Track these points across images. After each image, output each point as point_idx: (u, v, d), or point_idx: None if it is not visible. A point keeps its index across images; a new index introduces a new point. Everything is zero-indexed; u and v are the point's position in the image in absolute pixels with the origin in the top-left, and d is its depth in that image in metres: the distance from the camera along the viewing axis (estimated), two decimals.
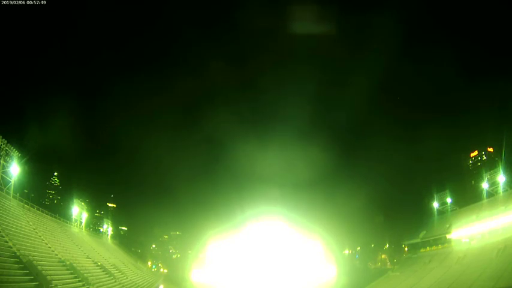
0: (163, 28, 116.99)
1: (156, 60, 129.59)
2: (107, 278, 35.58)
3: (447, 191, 57.15)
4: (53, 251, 29.57)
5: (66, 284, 24.79)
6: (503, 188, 43.68)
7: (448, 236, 49.21)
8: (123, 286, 37.65)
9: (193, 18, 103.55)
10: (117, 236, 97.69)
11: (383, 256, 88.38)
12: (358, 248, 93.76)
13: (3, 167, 32.00)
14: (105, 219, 77.28)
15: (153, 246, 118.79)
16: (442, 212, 58.40)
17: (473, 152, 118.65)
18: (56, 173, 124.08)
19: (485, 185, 46.65)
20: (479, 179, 57.20)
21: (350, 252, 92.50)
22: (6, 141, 31.24)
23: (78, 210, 53.38)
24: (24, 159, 34.62)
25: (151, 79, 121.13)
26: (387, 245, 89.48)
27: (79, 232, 50.28)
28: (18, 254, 22.27)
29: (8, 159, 32.38)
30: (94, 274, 32.79)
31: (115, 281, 36.66)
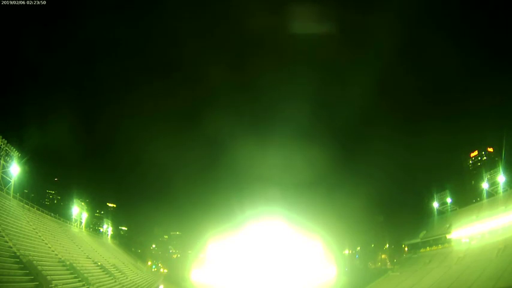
0: (164, 32, 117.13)
1: (157, 62, 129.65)
2: (107, 278, 35.56)
3: (447, 191, 57.15)
4: (53, 251, 29.55)
5: (66, 284, 24.78)
6: (503, 188, 43.69)
7: (448, 236, 49.19)
8: (123, 286, 37.63)
9: (193, 22, 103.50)
10: (117, 236, 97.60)
11: (383, 256, 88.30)
12: (358, 248, 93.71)
13: (3, 167, 31.98)
14: (105, 219, 77.18)
15: (153, 246, 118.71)
16: (442, 212, 58.38)
17: (473, 152, 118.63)
18: (55, 173, 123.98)
19: (485, 185, 46.65)
20: (479, 179, 57.23)
21: (350, 252, 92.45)
22: (6, 141, 31.23)
23: (78, 210, 53.34)
24: (24, 159, 34.61)
25: (152, 79, 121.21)
26: (387, 245, 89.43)
27: (79, 232, 50.25)
28: (18, 254, 22.25)
29: (8, 159, 32.36)
30: (94, 274, 32.76)
31: (115, 281, 36.64)
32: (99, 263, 38.10)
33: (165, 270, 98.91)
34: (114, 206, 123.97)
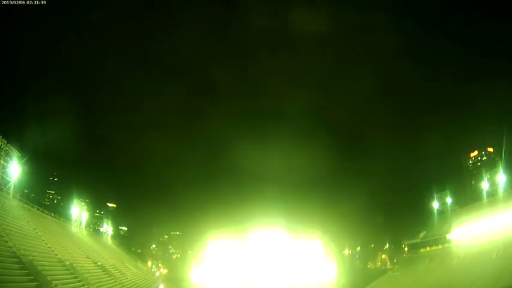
0: (167, 31, 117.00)
1: (157, 61, 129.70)
2: (107, 278, 35.57)
3: (447, 191, 57.03)
4: (53, 251, 29.54)
5: (66, 284, 24.79)
6: (503, 188, 43.57)
7: (448, 236, 49.12)
8: (123, 286, 37.66)
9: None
10: (117, 236, 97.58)
11: (383, 256, 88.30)
12: (358, 248, 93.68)
13: (3, 167, 31.96)
14: (105, 219, 77.21)
15: (153, 246, 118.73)
16: (442, 212, 58.30)
17: (473, 152, 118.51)
18: (56, 173, 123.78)
19: (485, 185, 46.57)
20: (479, 179, 57.12)
21: (350, 252, 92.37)
22: (6, 141, 31.21)
23: (78, 210, 53.33)
24: (24, 159, 34.59)
25: (152, 80, 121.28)
26: (387, 245, 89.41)
27: (79, 232, 50.24)
28: (18, 254, 22.23)
29: (8, 159, 32.35)
30: (94, 274, 32.77)
31: (115, 281, 36.64)
32: (99, 263, 38.09)
33: (165, 270, 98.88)
34: (114, 206, 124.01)
